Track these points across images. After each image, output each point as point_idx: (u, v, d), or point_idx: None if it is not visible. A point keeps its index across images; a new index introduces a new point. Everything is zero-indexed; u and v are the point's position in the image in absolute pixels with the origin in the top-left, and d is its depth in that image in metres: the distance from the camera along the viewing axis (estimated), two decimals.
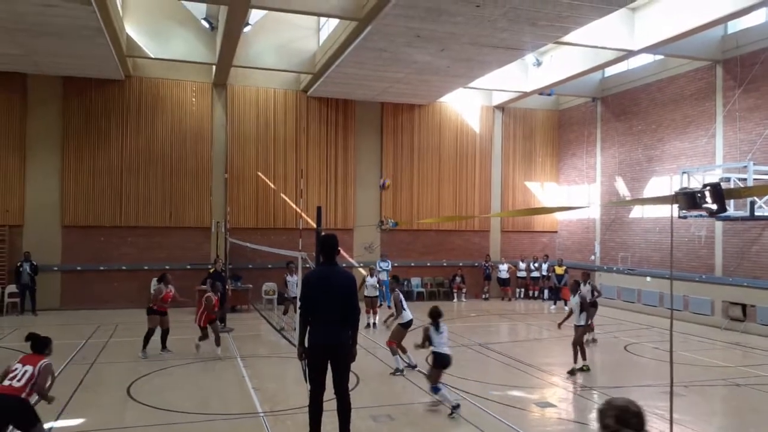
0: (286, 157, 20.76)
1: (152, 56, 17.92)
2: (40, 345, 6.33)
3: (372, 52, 15.73)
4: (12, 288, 17.70)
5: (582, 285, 12.21)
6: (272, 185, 20.36)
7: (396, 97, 21.11)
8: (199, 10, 17.50)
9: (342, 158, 21.42)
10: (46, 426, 7.82)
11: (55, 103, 18.67)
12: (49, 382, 6.12)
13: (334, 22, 16.52)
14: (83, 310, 17.77)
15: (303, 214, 18.76)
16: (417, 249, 22.21)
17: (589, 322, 12.18)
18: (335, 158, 21.33)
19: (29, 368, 5.92)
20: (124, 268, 19.02)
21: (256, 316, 17.82)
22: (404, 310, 11.17)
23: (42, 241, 18.33)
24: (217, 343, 11.94)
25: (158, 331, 12.21)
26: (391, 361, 11.05)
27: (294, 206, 20.01)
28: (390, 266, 19.71)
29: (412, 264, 22.05)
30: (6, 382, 5.82)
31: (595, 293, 14.02)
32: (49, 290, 18.26)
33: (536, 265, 22.54)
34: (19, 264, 17.59)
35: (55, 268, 18.52)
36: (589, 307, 11.64)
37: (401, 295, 11.54)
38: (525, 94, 21.50)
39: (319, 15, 15.88)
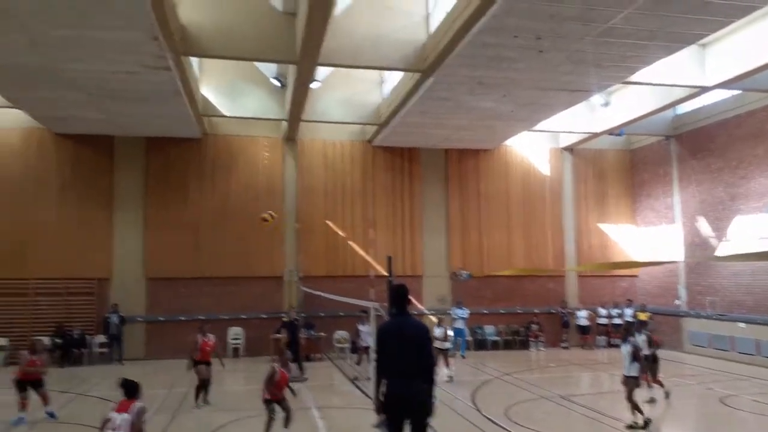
0: (354, 206, 21.14)
1: (227, 114, 18.94)
2: (131, 390, 6.73)
3: (435, 101, 15.99)
4: (101, 338, 18.64)
5: (636, 334, 11.46)
6: (341, 234, 20.72)
7: (460, 143, 21.23)
8: (270, 69, 18.44)
9: (409, 205, 21.60)
10: None
11: (139, 161, 19.94)
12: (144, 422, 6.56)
13: (398, 74, 16.98)
14: (166, 360, 18.33)
15: (373, 263, 18.94)
16: (488, 296, 21.72)
17: (643, 375, 11.19)
18: (402, 206, 21.53)
19: (126, 416, 6.32)
20: (201, 317, 19.62)
21: (329, 365, 17.88)
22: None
23: (128, 292, 19.30)
24: (286, 424, 9.60)
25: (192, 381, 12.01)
26: (474, 416, 10.72)
27: (363, 254, 20.23)
28: (467, 314, 19.42)
29: (485, 311, 21.58)
30: None
31: (653, 345, 12.73)
32: (135, 340, 19.12)
33: (618, 311, 21.48)
34: (107, 315, 18.57)
35: (140, 319, 19.39)
36: (642, 358, 10.81)
37: None
38: (594, 135, 21.09)
39: (384, 69, 16.38)
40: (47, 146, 19.34)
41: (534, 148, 22.72)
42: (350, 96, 19.05)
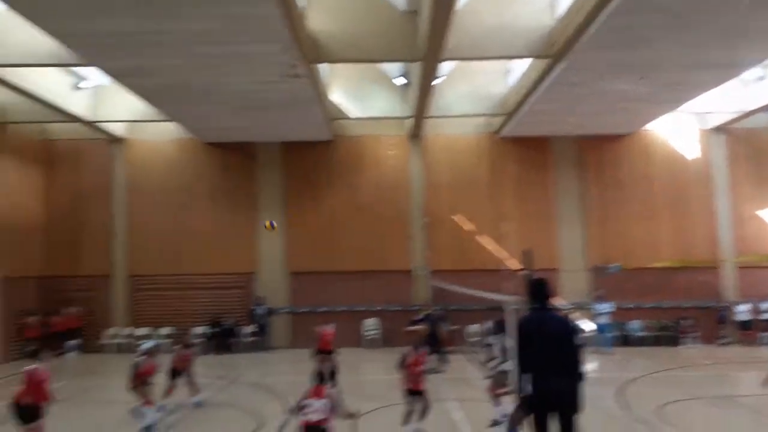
0: (482, 200, 20.91)
1: (354, 117, 19.60)
2: (322, 378, 7.54)
3: (565, 87, 15.33)
4: (250, 328, 20.25)
5: None
6: (469, 227, 20.59)
7: (594, 130, 20.14)
8: (394, 68, 18.74)
9: (541, 197, 20.92)
10: None
11: (278, 165, 21.31)
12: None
13: (524, 62, 16.50)
14: (310, 349, 19.36)
15: (504, 257, 18.67)
16: (633, 289, 20.39)
17: None
18: (533, 197, 20.91)
19: (323, 401, 6.80)
20: (338, 309, 20.58)
21: (462, 359, 17.92)
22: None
23: (272, 286, 20.76)
24: (422, 416, 9.47)
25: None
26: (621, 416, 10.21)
27: (492, 248, 19.98)
28: (611, 308, 18.48)
29: (631, 306, 20.33)
30: (307, 417, 6.72)
31: None
32: (281, 330, 20.52)
33: None
34: (254, 307, 20.14)
35: (284, 310, 20.76)
36: None
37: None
38: (748, 113, 18.99)
39: (510, 58, 15.99)
40: (198, 155, 21.32)
41: (679, 131, 20.96)
42: (474, 88, 18.83)
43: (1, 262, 18.51)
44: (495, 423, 9.64)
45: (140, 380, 10.30)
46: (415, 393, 9.36)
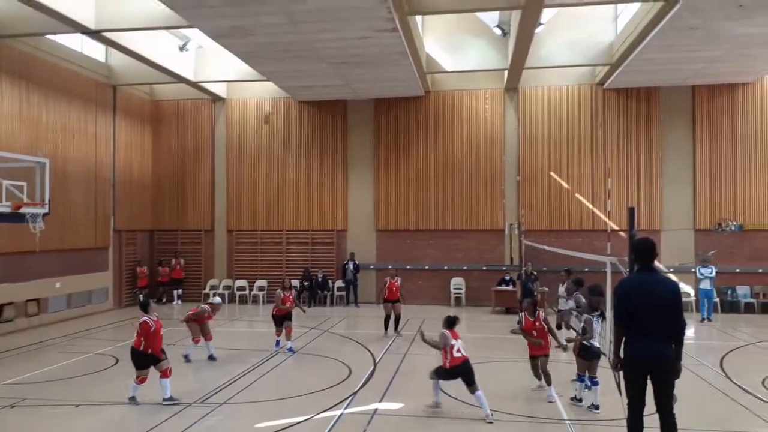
0: (581, 156, 19.87)
1: (449, 70, 19.02)
2: (452, 323, 8.74)
3: (681, 32, 14.00)
4: (339, 283, 20.73)
5: None
6: (566, 186, 19.68)
7: (711, 78, 18.41)
8: (491, 18, 17.94)
9: (645, 152, 19.56)
10: (371, 406, 8.88)
11: (369, 122, 21.28)
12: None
13: (633, 7, 15.20)
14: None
15: (605, 217, 17.80)
16: (743, 253, 18.87)
17: None
18: (637, 153, 19.58)
19: (460, 341, 8.55)
20: (426, 267, 20.56)
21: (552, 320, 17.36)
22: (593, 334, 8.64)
23: (361, 243, 21.04)
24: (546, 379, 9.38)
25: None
26: (724, 384, 9.53)
27: (590, 206, 19.03)
28: (713, 273, 17.23)
29: (738, 270, 18.84)
30: (458, 354, 8.39)
31: None
32: (368, 286, 20.84)
33: None
34: (345, 263, 20.55)
35: (372, 267, 21.03)
36: None
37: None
38: None
39: (618, 2, 14.75)
40: (292, 113, 21.70)
41: None
42: (578, 37, 17.64)
43: (117, 216, 19.98)
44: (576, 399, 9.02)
45: (196, 319, 11.93)
46: (540, 356, 9.42)
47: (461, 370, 8.30)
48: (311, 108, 21.51)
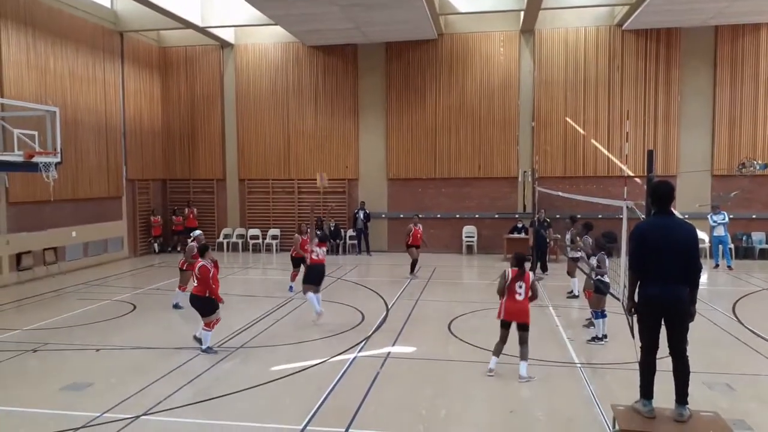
0: (598, 100, 19.39)
1: (462, 11, 18.40)
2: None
3: None
4: (351, 232, 20.80)
5: None
6: (581, 131, 19.31)
7: (735, 18, 17.69)
8: None
9: (663, 96, 19.03)
10: (384, 350, 9.02)
11: (380, 67, 20.79)
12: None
13: None
14: (406, 253, 19.76)
15: (618, 162, 17.52)
16: (761, 198, 18.61)
17: None
18: (655, 96, 19.07)
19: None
20: (439, 216, 20.51)
21: (564, 267, 17.40)
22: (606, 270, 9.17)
23: (372, 192, 20.95)
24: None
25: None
26: (736, 329, 9.54)
27: (606, 152, 18.70)
28: (726, 219, 16.99)
29: (754, 216, 18.62)
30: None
31: None
32: (379, 234, 20.90)
33: None
34: (356, 212, 20.55)
35: (383, 216, 21.02)
36: None
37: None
38: None
39: None
40: (301, 58, 21.23)
41: None
42: None
43: (129, 164, 20.00)
44: (590, 324, 9.82)
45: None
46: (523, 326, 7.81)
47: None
48: (321, 53, 21.04)
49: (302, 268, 12.19)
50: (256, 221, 21.80)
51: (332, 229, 20.51)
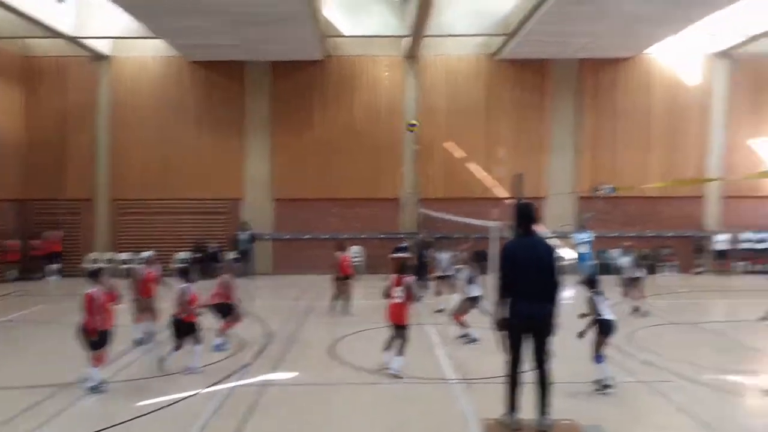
0: (477, 125, 20.39)
1: (347, 34, 18.65)
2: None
3: (572, 6, 14.68)
4: (233, 254, 19.96)
5: None
6: (461, 155, 20.16)
7: (597, 52, 19.42)
8: None
9: (535, 123, 20.45)
10: (263, 378, 8.71)
11: (266, 86, 20.47)
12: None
13: None
14: (292, 275, 19.47)
15: (492, 184, 18.37)
16: (618, 219, 20.40)
17: None
18: (528, 124, 20.43)
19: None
20: (325, 237, 20.37)
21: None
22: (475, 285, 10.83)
23: (257, 212, 20.45)
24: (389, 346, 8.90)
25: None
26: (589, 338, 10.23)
27: (483, 176, 19.67)
28: (591, 237, 18.37)
29: (614, 235, 20.35)
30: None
31: None
32: (264, 256, 20.38)
33: (764, 235, 19.65)
34: (238, 233, 19.84)
35: (268, 237, 20.56)
36: None
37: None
38: (755, 37, 18.31)
39: None
40: (183, 74, 20.40)
41: (681, 56, 20.27)
42: (478, 6, 17.88)
43: None
44: (467, 338, 10.64)
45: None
46: (397, 326, 8.71)
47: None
48: (205, 69, 20.32)
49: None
50: (127, 244, 20.24)
51: (212, 252, 19.61)
